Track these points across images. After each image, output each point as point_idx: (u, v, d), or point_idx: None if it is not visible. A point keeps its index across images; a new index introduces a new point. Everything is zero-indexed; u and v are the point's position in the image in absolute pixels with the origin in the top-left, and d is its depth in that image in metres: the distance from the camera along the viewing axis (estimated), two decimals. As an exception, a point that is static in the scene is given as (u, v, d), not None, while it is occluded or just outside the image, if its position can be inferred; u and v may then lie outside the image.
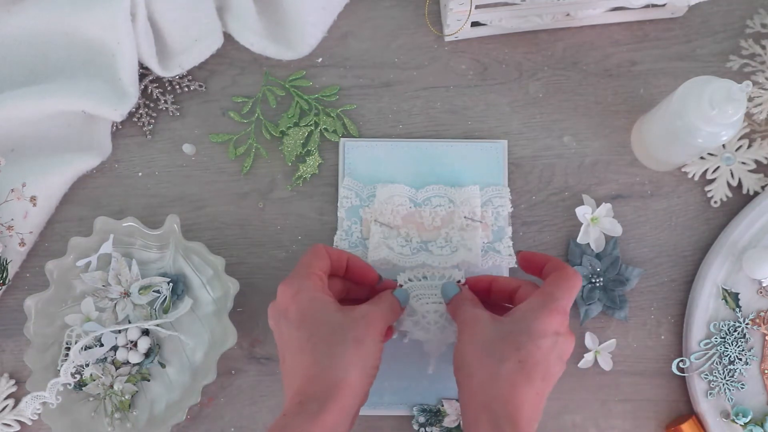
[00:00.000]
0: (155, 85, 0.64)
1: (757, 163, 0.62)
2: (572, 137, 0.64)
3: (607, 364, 0.60)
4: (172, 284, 0.59)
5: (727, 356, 0.58)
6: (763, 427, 0.58)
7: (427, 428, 0.59)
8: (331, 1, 0.63)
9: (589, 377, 0.61)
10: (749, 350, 0.59)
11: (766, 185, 0.62)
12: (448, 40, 0.65)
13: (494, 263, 0.60)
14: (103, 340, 0.58)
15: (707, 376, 0.58)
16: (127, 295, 0.60)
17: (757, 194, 0.62)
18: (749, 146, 0.62)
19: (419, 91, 0.65)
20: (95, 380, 0.58)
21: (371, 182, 0.61)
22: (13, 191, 0.58)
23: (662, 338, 0.61)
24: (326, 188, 0.63)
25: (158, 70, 0.62)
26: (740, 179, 0.62)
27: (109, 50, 0.59)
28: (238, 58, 0.65)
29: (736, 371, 0.58)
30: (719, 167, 0.62)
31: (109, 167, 0.64)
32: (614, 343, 0.60)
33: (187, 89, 0.64)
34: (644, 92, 0.64)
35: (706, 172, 0.62)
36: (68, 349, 0.58)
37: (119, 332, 0.58)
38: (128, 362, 0.58)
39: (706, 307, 0.59)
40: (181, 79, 0.64)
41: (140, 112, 0.64)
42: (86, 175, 0.63)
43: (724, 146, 0.62)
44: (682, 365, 0.59)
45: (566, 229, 0.62)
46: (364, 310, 0.49)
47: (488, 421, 0.45)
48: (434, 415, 0.59)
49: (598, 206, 0.61)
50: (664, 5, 0.63)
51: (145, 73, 0.64)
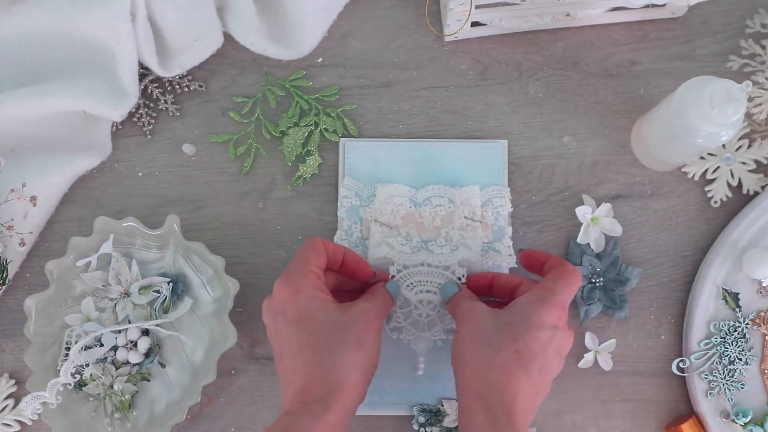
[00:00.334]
0: (155, 85, 0.64)
1: (757, 163, 0.62)
2: (572, 137, 0.64)
3: (607, 364, 0.60)
4: (172, 284, 0.59)
5: (727, 356, 0.58)
6: (763, 427, 0.58)
7: (427, 428, 0.59)
8: (331, 1, 0.63)
9: (589, 377, 0.61)
10: (749, 350, 0.59)
11: (766, 185, 0.62)
12: (448, 40, 0.65)
13: (494, 263, 0.60)
14: (103, 340, 0.58)
15: (707, 376, 0.58)
16: (127, 295, 0.60)
17: (757, 194, 0.62)
18: (749, 146, 0.62)
19: (419, 91, 0.65)
20: (95, 380, 0.58)
21: (371, 182, 0.61)
22: (13, 191, 0.58)
23: (662, 338, 0.61)
24: (326, 188, 0.63)
25: (158, 70, 0.62)
26: (740, 179, 0.62)
27: (109, 50, 0.59)
28: (238, 58, 0.65)
29: (736, 371, 0.58)
30: (719, 167, 0.62)
31: (109, 167, 0.64)
32: (614, 343, 0.60)
33: (187, 89, 0.64)
34: (644, 92, 0.64)
35: (706, 172, 0.62)
36: (68, 349, 0.58)
37: (119, 332, 0.58)
38: (128, 362, 0.58)
39: (706, 307, 0.59)
40: (181, 79, 0.64)
41: (140, 112, 0.64)
42: (86, 175, 0.63)
43: (724, 146, 0.62)
44: (682, 365, 0.59)
45: (566, 229, 0.62)
46: (361, 308, 0.49)
47: (483, 409, 0.45)
48: (434, 415, 0.59)
49: (598, 206, 0.61)
50: (664, 5, 0.63)
51: (145, 73, 0.64)
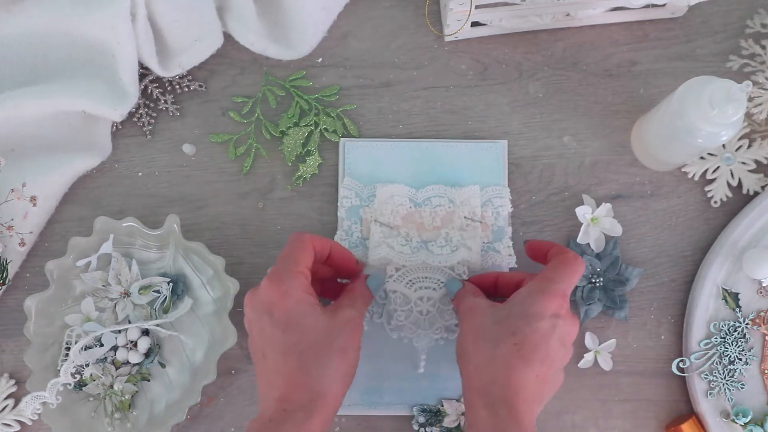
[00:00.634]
0: (155, 85, 0.64)
1: (757, 163, 0.62)
2: (572, 137, 0.64)
3: (607, 364, 0.60)
4: (172, 284, 0.59)
5: (727, 356, 0.58)
6: (763, 427, 0.58)
7: (427, 428, 0.59)
8: (331, 1, 0.63)
9: (589, 377, 0.61)
10: (749, 350, 0.59)
11: (766, 185, 0.62)
12: (448, 40, 0.65)
13: (494, 263, 0.60)
14: (103, 340, 0.58)
15: (707, 376, 0.58)
16: (127, 295, 0.60)
17: (757, 194, 0.62)
18: (749, 146, 0.62)
19: (419, 91, 0.65)
20: (95, 380, 0.58)
21: (371, 182, 0.61)
22: (13, 191, 0.58)
23: (662, 338, 0.61)
24: (326, 188, 0.63)
25: (158, 70, 0.62)
26: (740, 179, 0.62)
27: (109, 50, 0.59)
28: (238, 58, 0.65)
29: (736, 371, 0.58)
30: (719, 167, 0.62)
31: (109, 167, 0.64)
32: (614, 343, 0.60)
33: (187, 89, 0.64)
34: (644, 92, 0.64)
35: (706, 172, 0.62)
36: (68, 349, 0.58)
37: (119, 332, 0.58)
38: (128, 362, 0.58)
39: (706, 307, 0.59)
40: (181, 79, 0.64)
41: (140, 112, 0.64)
42: (86, 175, 0.63)
43: (724, 146, 0.62)
44: (682, 365, 0.59)
45: (566, 229, 0.62)
46: (347, 315, 0.49)
47: (484, 404, 0.45)
48: (434, 415, 0.59)
49: (598, 206, 0.61)
50: (664, 5, 0.63)
51: (145, 73, 0.64)
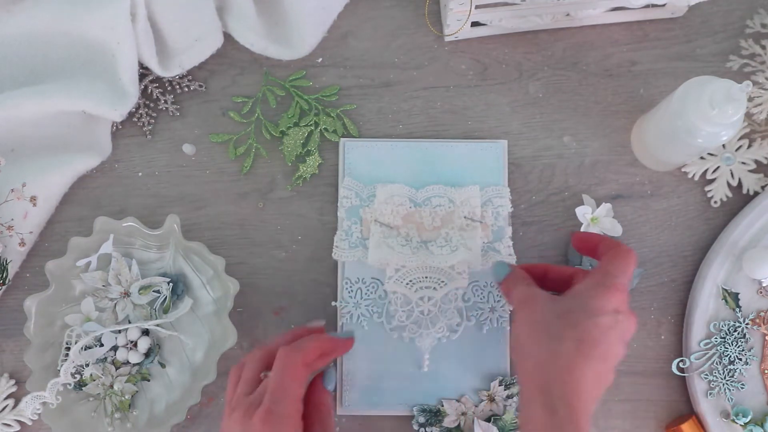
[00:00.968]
0: (155, 85, 0.64)
1: (757, 163, 0.62)
2: (572, 137, 0.64)
3: (607, 364, 0.60)
4: (172, 284, 0.59)
5: (727, 356, 0.58)
6: (763, 427, 0.58)
7: (427, 428, 0.59)
8: (330, 0, 0.63)
9: (589, 377, 0.61)
10: (749, 350, 0.59)
11: (766, 185, 0.62)
12: (448, 40, 0.65)
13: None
14: (103, 340, 0.58)
15: (707, 376, 0.58)
16: (127, 295, 0.60)
17: (757, 194, 0.62)
18: (749, 146, 0.62)
19: (419, 91, 0.65)
20: (95, 380, 0.58)
21: (371, 182, 0.61)
22: (13, 191, 0.58)
23: (662, 338, 0.61)
24: (326, 188, 0.63)
25: (158, 70, 0.62)
26: (740, 179, 0.62)
27: (109, 50, 0.59)
28: (238, 58, 0.65)
29: (736, 371, 0.58)
30: (719, 167, 0.62)
31: (109, 167, 0.64)
32: (614, 343, 0.60)
33: (187, 89, 0.64)
34: (644, 92, 0.64)
35: (706, 172, 0.62)
36: (68, 349, 0.58)
37: (119, 332, 0.58)
38: (128, 362, 0.58)
39: (706, 307, 0.59)
40: (181, 79, 0.64)
41: (140, 112, 0.64)
42: (86, 175, 0.63)
43: (724, 146, 0.62)
44: (682, 365, 0.59)
45: (566, 229, 0.62)
46: None
47: (543, 404, 0.44)
48: (434, 415, 0.59)
49: (598, 206, 0.61)
50: (664, 5, 0.63)
51: (145, 73, 0.64)
